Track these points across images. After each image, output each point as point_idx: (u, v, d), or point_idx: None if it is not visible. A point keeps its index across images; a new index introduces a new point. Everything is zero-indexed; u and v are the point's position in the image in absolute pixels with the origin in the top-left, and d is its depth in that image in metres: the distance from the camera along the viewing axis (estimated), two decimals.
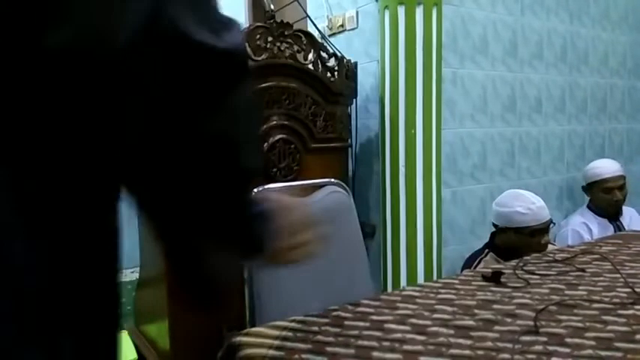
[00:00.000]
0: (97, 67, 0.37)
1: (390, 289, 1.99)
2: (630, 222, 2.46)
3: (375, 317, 0.95)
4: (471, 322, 0.91)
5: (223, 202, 0.49)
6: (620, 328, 0.87)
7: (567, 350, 0.79)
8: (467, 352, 0.80)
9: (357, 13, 2.17)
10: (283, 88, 1.72)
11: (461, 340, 0.84)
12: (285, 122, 1.74)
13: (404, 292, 1.09)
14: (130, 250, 3.70)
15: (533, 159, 2.47)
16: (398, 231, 1.95)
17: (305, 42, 1.79)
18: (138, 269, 2.21)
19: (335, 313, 0.97)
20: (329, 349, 0.83)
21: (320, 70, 1.82)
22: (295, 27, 1.77)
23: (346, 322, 0.93)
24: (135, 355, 1.90)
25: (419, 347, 0.82)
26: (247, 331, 0.91)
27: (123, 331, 2.15)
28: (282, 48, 1.71)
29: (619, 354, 0.78)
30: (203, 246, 0.51)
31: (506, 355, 0.78)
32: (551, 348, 0.80)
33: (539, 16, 2.41)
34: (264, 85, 1.68)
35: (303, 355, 0.80)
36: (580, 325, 0.88)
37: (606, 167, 2.40)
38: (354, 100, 2.09)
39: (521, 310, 0.96)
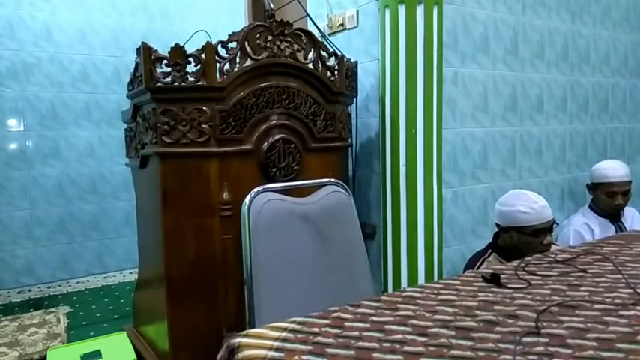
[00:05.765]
0: None
1: (390, 289, 1.99)
2: (632, 222, 2.45)
3: (375, 318, 0.95)
4: (472, 323, 0.91)
5: None
6: (622, 329, 0.86)
7: (569, 351, 0.78)
8: (468, 353, 0.79)
9: (357, 12, 2.17)
10: (283, 88, 1.72)
11: (462, 341, 0.83)
12: (285, 122, 1.74)
13: (405, 293, 1.09)
14: (129, 251, 3.70)
15: (534, 159, 2.46)
16: (399, 231, 1.95)
17: (305, 41, 1.78)
18: (137, 270, 2.21)
19: (335, 314, 0.97)
20: (329, 350, 0.82)
21: (320, 69, 1.82)
22: (295, 26, 1.76)
23: (347, 323, 0.92)
24: (134, 355, 1.90)
25: (420, 348, 0.82)
26: (247, 332, 0.90)
27: (122, 331, 2.16)
28: (282, 47, 1.71)
29: (620, 355, 0.77)
30: None
31: (508, 356, 0.77)
32: (552, 349, 0.79)
33: (541, 15, 2.40)
34: (263, 84, 1.68)
35: (303, 357, 0.80)
36: (581, 325, 0.88)
37: (614, 170, 2.36)
38: (355, 99, 2.08)
39: (522, 311, 0.95)
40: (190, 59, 1.60)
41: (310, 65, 1.79)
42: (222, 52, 1.63)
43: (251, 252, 1.50)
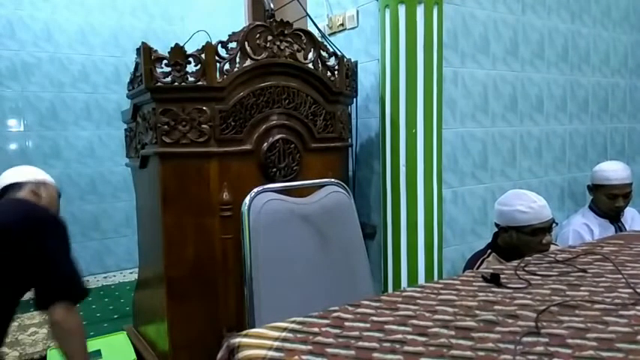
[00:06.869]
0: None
1: (390, 289, 1.99)
2: (632, 222, 2.45)
3: (375, 318, 0.94)
4: (472, 323, 0.90)
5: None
6: (622, 329, 0.86)
7: (569, 351, 0.78)
8: (468, 353, 0.79)
9: (357, 12, 2.17)
10: (283, 88, 1.72)
11: (462, 341, 0.83)
12: (285, 122, 1.74)
13: (405, 293, 1.09)
14: (129, 251, 3.69)
15: (534, 159, 2.46)
16: (399, 231, 1.95)
17: (305, 41, 1.78)
18: (137, 270, 2.21)
19: (335, 314, 0.97)
20: (329, 350, 0.82)
21: (320, 69, 1.82)
22: (295, 26, 1.76)
23: (346, 323, 0.92)
24: (134, 356, 1.90)
25: (420, 348, 0.81)
26: (247, 332, 0.90)
27: (122, 331, 2.16)
28: (282, 47, 1.71)
29: (620, 355, 0.77)
30: None
31: (508, 356, 0.77)
32: (552, 349, 0.79)
33: (541, 15, 2.40)
34: (263, 84, 1.68)
35: (303, 357, 0.80)
36: (581, 325, 0.88)
37: (615, 172, 2.34)
38: (355, 99, 2.08)
39: (522, 311, 0.95)
40: (190, 59, 1.61)
41: (310, 65, 1.79)
42: (222, 52, 1.64)
43: (251, 252, 1.50)
